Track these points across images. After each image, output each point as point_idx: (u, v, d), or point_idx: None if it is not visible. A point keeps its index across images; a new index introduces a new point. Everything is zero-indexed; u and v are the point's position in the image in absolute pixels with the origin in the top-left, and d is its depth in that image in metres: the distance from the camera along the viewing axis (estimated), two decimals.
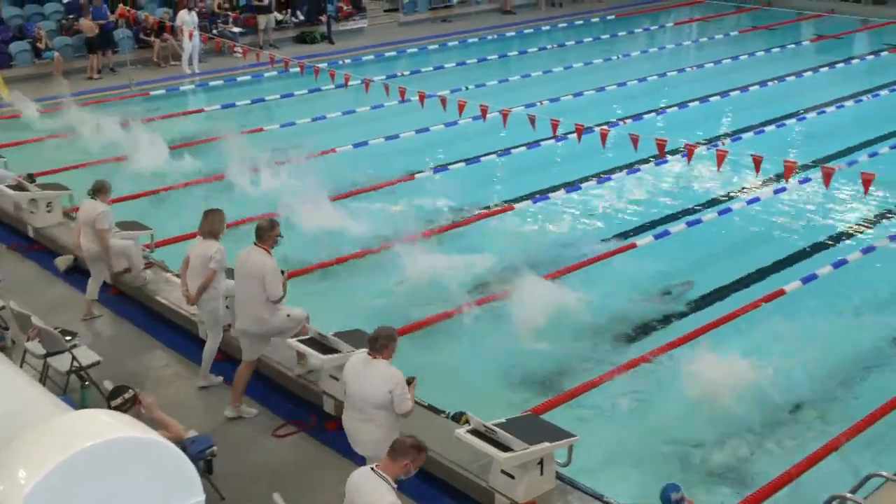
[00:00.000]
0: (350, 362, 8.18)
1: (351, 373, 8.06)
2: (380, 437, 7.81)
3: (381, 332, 8.03)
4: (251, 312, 9.73)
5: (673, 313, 12.69)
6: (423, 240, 14.61)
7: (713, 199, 16.69)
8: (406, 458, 6.60)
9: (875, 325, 12.40)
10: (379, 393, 7.82)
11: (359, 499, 6.59)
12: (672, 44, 29.53)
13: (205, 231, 10.29)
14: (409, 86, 17.88)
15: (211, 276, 10.14)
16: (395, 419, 7.93)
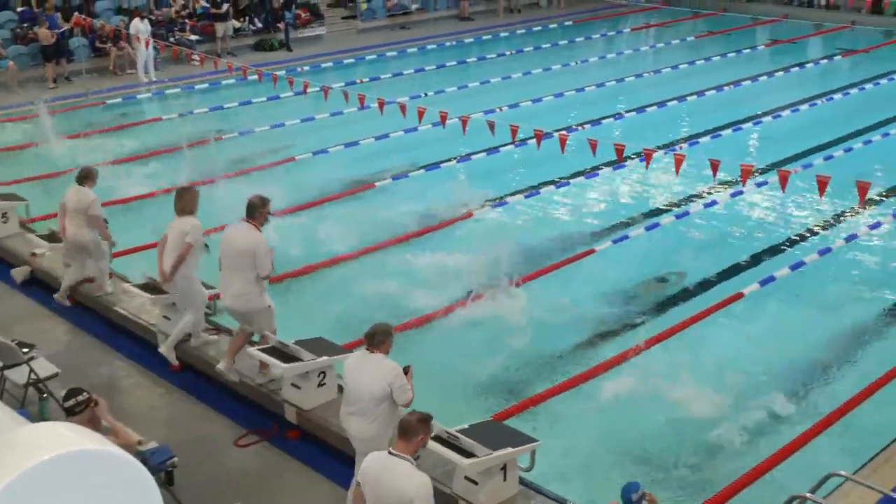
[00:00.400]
0: (348, 360, 8.26)
1: (350, 370, 8.11)
2: (376, 433, 7.92)
3: (378, 329, 8.14)
4: (237, 288, 9.83)
5: (634, 317, 12.76)
6: (386, 248, 14.63)
7: (672, 203, 16.82)
8: (418, 434, 6.68)
9: (831, 325, 12.57)
10: (378, 387, 7.89)
11: (381, 485, 6.58)
12: (630, 49, 29.75)
13: (178, 209, 10.43)
14: (369, 93, 17.88)
15: (186, 250, 10.24)
16: (393, 413, 7.96)
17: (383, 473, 6.61)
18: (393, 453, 6.67)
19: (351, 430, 8.12)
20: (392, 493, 6.52)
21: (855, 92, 24.17)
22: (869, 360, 11.74)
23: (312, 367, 9.67)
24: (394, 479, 6.54)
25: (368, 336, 8.12)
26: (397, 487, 6.50)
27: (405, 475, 6.51)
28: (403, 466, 6.57)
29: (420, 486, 6.46)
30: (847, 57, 28.73)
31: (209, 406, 10.31)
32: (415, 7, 32.17)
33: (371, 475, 6.68)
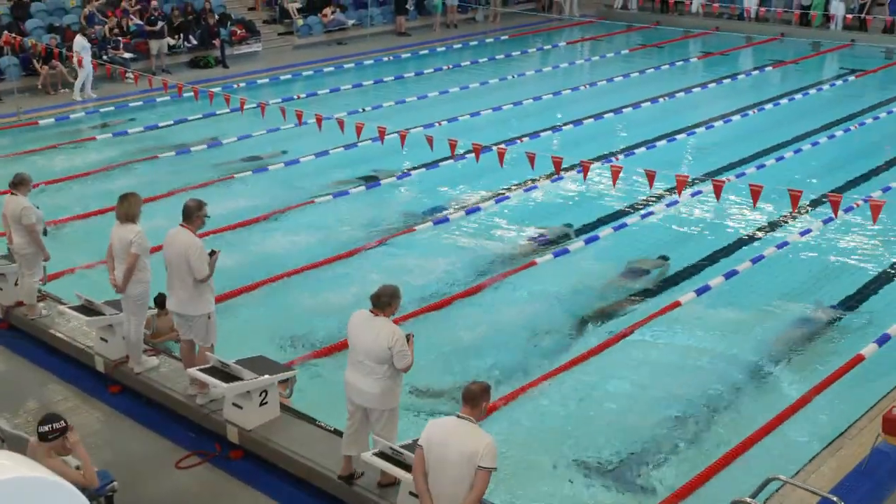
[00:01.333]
0: (352, 319, 8.44)
1: (353, 328, 8.37)
2: (382, 389, 8.24)
3: (385, 290, 8.36)
4: (179, 293, 9.85)
5: (573, 329, 12.86)
6: (327, 265, 14.58)
7: (610, 214, 16.99)
8: (483, 401, 7.09)
9: (765, 332, 12.79)
10: (380, 348, 8.12)
11: (447, 446, 6.96)
12: (566, 63, 30.05)
13: (121, 215, 10.34)
14: (306, 109, 17.81)
15: (134, 261, 10.17)
16: (397, 372, 8.25)
17: (450, 435, 7.01)
18: (461, 416, 7.07)
19: (358, 384, 8.33)
20: (457, 452, 6.92)
21: (785, 102, 24.69)
22: (804, 367, 11.96)
23: (254, 387, 9.59)
24: (461, 440, 6.93)
25: (374, 297, 8.35)
26: (464, 446, 6.90)
27: (472, 436, 6.94)
28: (470, 427, 7.00)
29: (487, 444, 6.89)
30: (777, 68, 29.34)
31: (149, 428, 10.17)
32: (351, 23, 32.15)
33: (437, 437, 7.08)
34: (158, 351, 11.28)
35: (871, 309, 13.67)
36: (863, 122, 22.60)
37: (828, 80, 27.99)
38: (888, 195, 16.60)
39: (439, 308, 13.18)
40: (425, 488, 7.11)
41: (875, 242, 15.69)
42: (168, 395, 10.49)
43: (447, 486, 7.00)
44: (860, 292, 14.12)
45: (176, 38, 27.66)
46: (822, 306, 13.63)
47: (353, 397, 8.47)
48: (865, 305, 13.77)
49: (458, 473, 6.92)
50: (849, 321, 13.30)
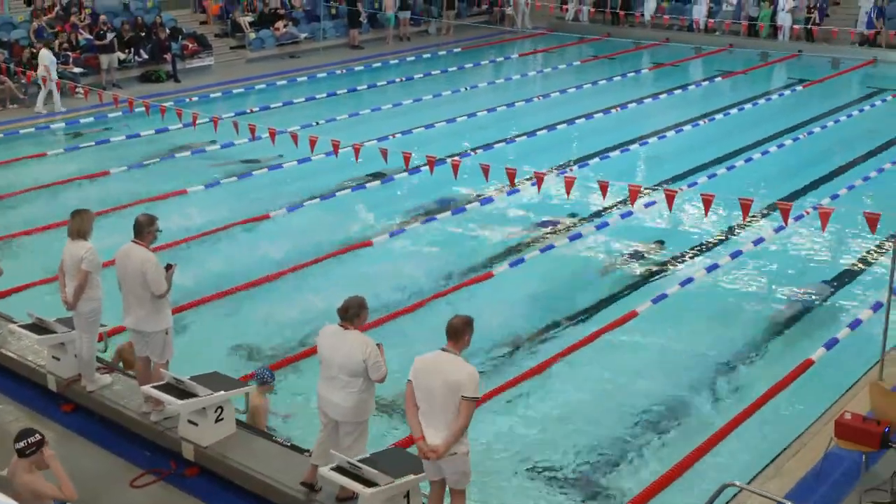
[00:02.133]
0: (322, 334, 8.48)
1: (325, 343, 8.39)
2: (356, 403, 8.28)
3: (352, 302, 8.39)
4: (136, 311, 9.74)
5: (530, 340, 12.91)
6: (282, 277, 14.51)
7: (565, 225, 17.07)
8: (465, 335, 7.65)
9: (719, 341, 12.94)
10: (354, 362, 8.17)
11: (432, 377, 7.54)
12: (518, 75, 30.20)
13: (73, 231, 10.22)
14: (259, 122, 17.73)
15: (85, 278, 10.04)
16: (369, 384, 8.29)
17: (435, 367, 7.57)
18: (447, 349, 7.62)
19: (332, 398, 8.34)
20: (443, 382, 7.47)
21: (735, 112, 25.01)
22: (756, 375, 12.10)
23: (209, 403, 9.50)
24: (446, 371, 7.49)
25: (342, 310, 8.37)
26: (448, 376, 7.46)
27: (456, 367, 7.51)
28: (455, 359, 7.56)
29: (470, 374, 7.49)
30: (726, 78, 29.71)
31: (103, 447, 10.03)
32: (304, 36, 32.06)
33: (423, 370, 7.63)
34: (112, 368, 11.14)
35: (820, 314, 13.87)
36: (811, 130, 22.95)
37: (776, 90, 28.40)
38: (836, 203, 16.86)
39: (395, 317, 13.18)
40: (416, 419, 7.67)
41: (825, 249, 15.91)
42: (122, 413, 10.35)
43: (436, 415, 7.54)
44: (810, 298, 14.33)
45: (126, 52, 27.40)
46: (774, 313, 13.81)
47: (326, 410, 8.46)
48: (815, 311, 13.97)
49: (444, 402, 7.49)
50: (799, 326, 13.48)
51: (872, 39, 31.78)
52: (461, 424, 7.49)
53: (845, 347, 12.48)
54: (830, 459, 9.51)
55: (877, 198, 17.88)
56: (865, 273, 15.20)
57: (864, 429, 9.14)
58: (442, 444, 7.54)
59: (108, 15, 28.46)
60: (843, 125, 23.67)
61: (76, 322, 10.47)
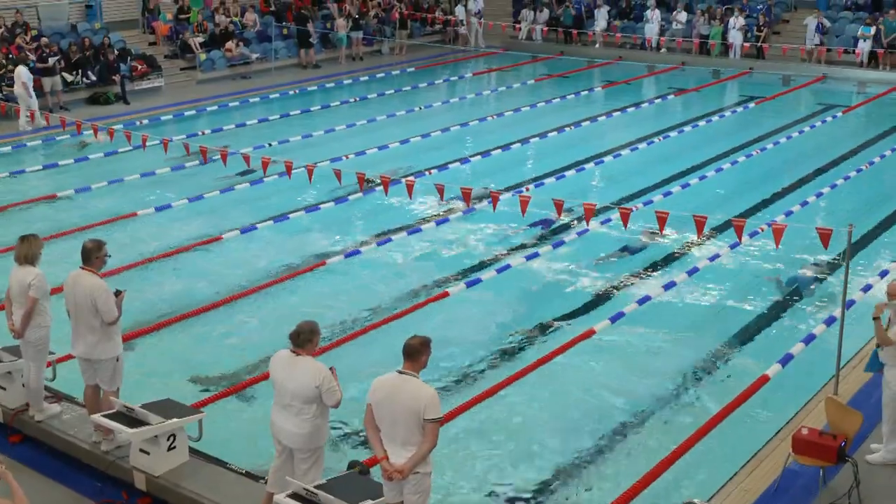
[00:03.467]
0: (275, 359, 8.49)
1: (277, 370, 8.36)
2: (310, 430, 8.25)
3: (304, 327, 8.35)
4: (87, 338, 9.62)
5: (488, 360, 12.92)
6: (235, 302, 14.41)
7: (522, 244, 17.14)
8: (423, 355, 7.69)
9: (676, 358, 13.03)
10: (307, 388, 8.14)
11: (394, 401, 7.54)
12: (472, 93, 30.35)
13: (20, 256, 10.10)
14: (211, 144, 17.65)
15: (32, 305, 9.91)
16: (323, 410, 8.28)
17: (395, 391, 7.57)
18: (402, 372, 7.63)
19: (286, 426, 8.28)
20: (403, 405, 7.50)
21: (689, 129, 25.29)
22: (711, 392, 12.18)
23: (161, 431, 9.39)
24: (406, 393, 7.51)
25: (294, 336, 8.32)
26: (409, 399, 7.49)
27: (417, 389, 7.53)
28: (413, 381, 7.58)
29: (431, 396, 7.53)
30: (679, 96, 30.06)
31: (52, 478, 9.88)
32: (255, 56, 31.99)
33: (382, 393, 7.64)
34: (60, 397, 10.98)
35: (775, 330, 14.03)
36: (764, 147, 23.26)
37: (729, 106, 28.80)
38: (790, 219, 17.08)
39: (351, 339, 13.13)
40: (378, 440, 7.72)
41: (778, 266, 16.10)
42: (71, 444, 10.21)
43: (399, 438, 7.59)
44: (765, 314, 14.49)
45: (74, 74, 27.15)
46: (729, 329, 13.94)
47: (280, 438, 8.42)
48: (770, 327, 14.13)
49: (406, 425, 7.54)
50: (754, 343, 13.62)
51: (820, 56, 32.38)
52: (428, 447, 7.57)
53: (800, 363, 12.61)
54: (788, 475, 9.61)
55: (829, 214, 18.17)
56: (819, 288, 15.41)
57: (821, 443, 9.25)
58: (408, 465, 7.55)
59: (54, 36, 28.21)
60: (794, 141, 24.03)
61: (24, 350, 10.32)
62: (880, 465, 9.82)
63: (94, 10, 30.72)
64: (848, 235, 10.74)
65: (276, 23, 33.19)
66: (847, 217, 16.45)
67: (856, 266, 15.28)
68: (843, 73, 31.70)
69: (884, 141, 24.18)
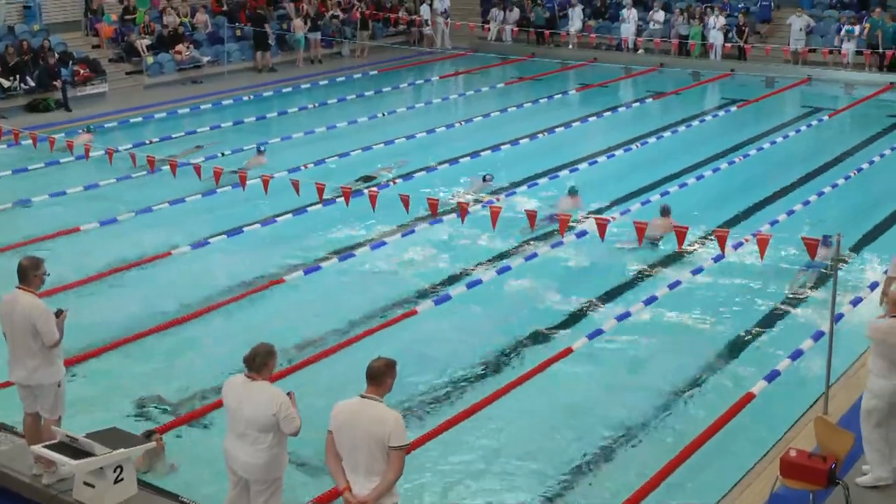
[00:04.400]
0: (228, 385, 8.38)
1: (231, 397, 8.30)
2: (267, 460, 8.18)
3: (259, 350, 8.32)
4: (27, 363, 9.51)
5: (459, 381, 12.93)
6: (186, 323, 14.33)
7: (492, 257, 17.16)
8: (388, 378, 7.71)
9: (658, 376, 13.09)
10: (263, 416, 8.08)
11: (356, 427, 7.54)
12: (439, 98, 30.42)
13: None
14: (159, 154, 17.56)
15: None
16: (281, 438, 8.21)
17: (357, 415, 7.57)
18: (365, 396, 7.64)
19: (240, 456, 8.20)
20: (366, 431, 7.50)
21: (668, 135, 25.46)
22: (694, 412, 12.24)
23: (107, 462, 9.30)
24: (369, 419, 7.51)
25: (248, 360, 8.26)
26: (372, 425, 7.49)
27: (380, 414, 7.53)
28: (377, 406, 7.59)
29: (396, 420, 7.54)
30: (658, 99, 30.30)
31: None
32: (207, 60, 31.89)
33: (344, 419, 7.63)
34: None
35: (760, 345, 14.12)
36: (747, 153, 23.46)
37: (710, 110, 29.06)
38: (775, 229, 17.21)
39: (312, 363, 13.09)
40: (339, 470, 7.71)
41: (764, 278, 16.21)
42: (10, 477, 10.08)
43: (362, 467, 7.57)
44: (749, 329, 14.58)
45: (11, 79, 26.94)
46: (713, 345, 14.02)
47: (235, 468, 8.37)
48: (755, 342, 14.21)
49: (369, 452, 7.52)
50: (739, 359, 13.71)
51: (805, 57, 32.76)
52: (393, 476, 7.54)
53: (788, 380, 12.70)
54: (776, 500, 9.65)
55: (817, 223, 18.33)
56: (807, 301, 15.54)
57: (811, 466, 9.29)
58: (371, 496, 7.51)
59: None
60: (779, 147, 24.27)
61: None
62: (871, 487, 9.88)
63: (32, 11, 30.48)
64: (836, 245, 10.86)
65: (229, 23, 33.13)
66: (835, 226, 16.59)
67: (844, 278, 15.41)
68: (828, 75, 32.11)
69: (872, 146, 24.48)
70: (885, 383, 9.53)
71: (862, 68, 31.92)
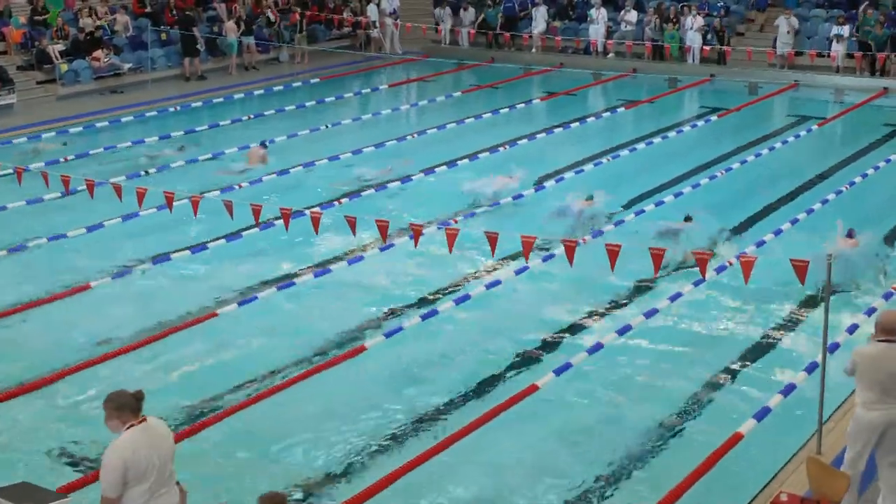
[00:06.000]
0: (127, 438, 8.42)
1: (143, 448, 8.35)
2: None
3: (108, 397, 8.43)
4: None
5: (416, 417, 12.94)
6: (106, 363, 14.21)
7: (450, 285, 17.16)
8: None
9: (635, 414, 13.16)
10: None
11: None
12: (388, 108, 30.44)
13: None
14: (75, 173, 17.44)
15: None
16: None
17: None
18: None
19: None
20: None
21: (642, 147, 25.62)
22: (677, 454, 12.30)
23: None
24: None
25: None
26: None
27: None
28: None
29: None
30: (630, 108, 30.54)
31: None
32: (128, 67, 31.73)
33: None
34: None
35: (748, 379, 14.22)
36: (729, 167, 23.61)
37: (688, 120, 29.35)
38: (761, 250, 17.36)
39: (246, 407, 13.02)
40: None
41: (750, 304, 16.34)
42: None
43: None
44: (735, 361, 14.68)
45: None
46: (696, 380, 14.09)
47: None
48: (742, 376, 14.32)
49: None
50: (725, 395, 13.80)
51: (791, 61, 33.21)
52: None
53: (779, 417, 12.78)
54: None
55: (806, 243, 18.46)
56: (797, 330, 15.67)
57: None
58: None
59: None
60: (764, 160, 24.50)
61: None
62: None
63: None
64: (827, 268, 10.96)
65: (153, 26, 32.98)
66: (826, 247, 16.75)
67: (837, 303, 15.54)
68: (817, 80, 32.54)
69: (865, 158, 24.79)
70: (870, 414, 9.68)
71: (853, 72, 32.38)
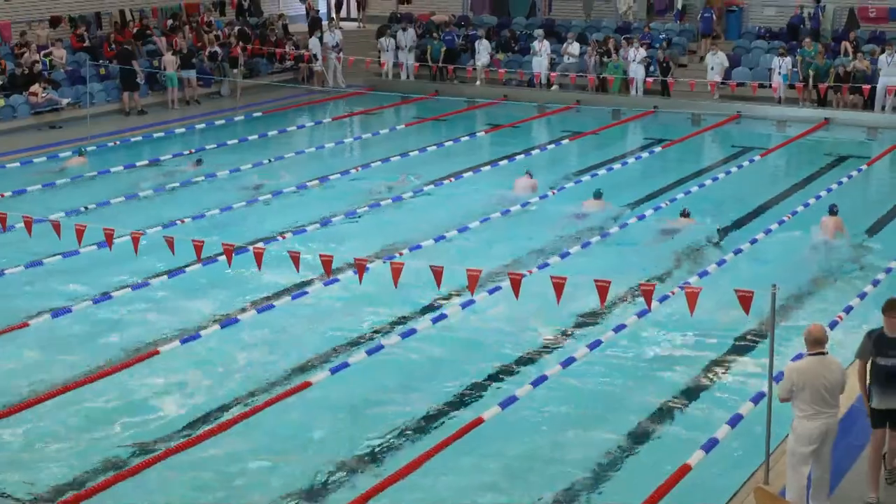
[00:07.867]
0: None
1: None
2: None
3: None
4: None
5: (358, 459, 12.91)
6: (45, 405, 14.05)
7: (396, 320, 17.15)
8: None
9: (580, 448, 13.22)
10: None
11: None
12: (332, 142, 30.42)
13: None
14: (12, 210, 17.27)
15: None
16: None
17: None
18: None
19: None
20: None
21: (587, 178, 25.77)
22: (624, 488, 12.36)
23: None
24: None
25: None
26: None
27: None
28: None
29: None
30: (575, 140, 30.76)
31: None
32: (66, 102, 31.52)
33: None
34: None
35: (695, 411, 14.33)
36: (673, 198, 23.84)
37: (632, 151, 29.59)
38: (705, 280, 17.53)
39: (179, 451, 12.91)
40: None
41: (695, 335, 16.47)
42: None
43: None
44: (682, 393, 14.79)
45: None
46: (642, 412, 14.18)
47: None
48: (689, 408, 14.43)
49: None
50: (672, 427, 13.90)
51: (733, 91, 33.71)
52: None
53: (726, 448, 12.88)
54: None
55: (750, 274, 18.69)
56: (743, 360, 15.83)
57: None
58: None
59: None
60: (708, 190, 24.73)
61: None
62: None
63: None
64: (772, 298, 11.09)
65: (92, 61, 32.79)
66: (771, 276, 16.93)
67: (782, 333, 15.69)
68: (759, 111, 32.98)
69: (808, 187, 25.17)
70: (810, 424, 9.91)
71: (795, 103, 32.87)
